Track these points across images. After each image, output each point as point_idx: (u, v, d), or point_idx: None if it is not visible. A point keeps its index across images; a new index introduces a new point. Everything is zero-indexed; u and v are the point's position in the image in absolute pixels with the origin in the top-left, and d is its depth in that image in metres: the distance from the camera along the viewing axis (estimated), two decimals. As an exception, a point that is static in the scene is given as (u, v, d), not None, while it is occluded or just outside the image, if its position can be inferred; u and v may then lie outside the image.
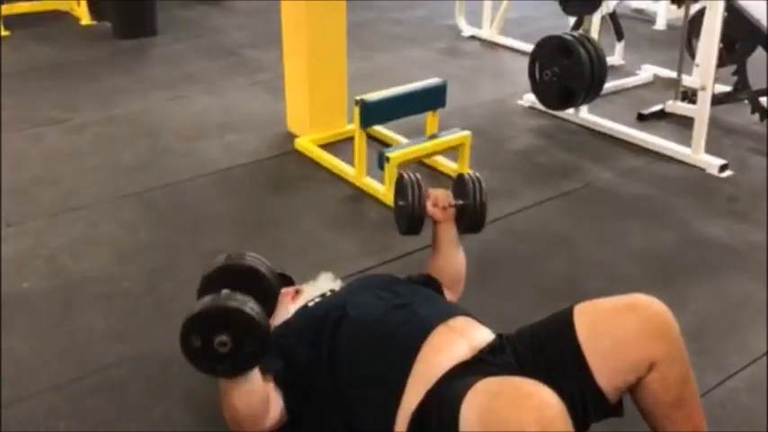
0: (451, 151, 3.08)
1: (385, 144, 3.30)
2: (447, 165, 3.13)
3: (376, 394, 1.57)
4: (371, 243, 2.66)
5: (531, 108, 3.81)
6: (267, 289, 1.80)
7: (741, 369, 2.01)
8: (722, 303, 2.31)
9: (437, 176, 3.09)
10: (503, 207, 2.85)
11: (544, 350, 1.55)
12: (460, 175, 2.02)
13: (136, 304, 2.29)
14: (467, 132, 3.01)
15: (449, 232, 2.02)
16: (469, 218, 1.97)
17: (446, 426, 1.36)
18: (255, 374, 1.54)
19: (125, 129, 3.59)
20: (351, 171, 3.07)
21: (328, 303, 1.82)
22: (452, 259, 2.05)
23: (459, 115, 3.50)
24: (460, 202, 1.97)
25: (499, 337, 1.66)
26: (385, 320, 1.67)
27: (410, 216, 1.96)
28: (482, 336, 1.64)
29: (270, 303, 1.77)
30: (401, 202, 2.00)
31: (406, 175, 1.99)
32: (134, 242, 2.64)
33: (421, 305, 1.72)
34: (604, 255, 2.56)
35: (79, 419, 1.85)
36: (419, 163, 3.16)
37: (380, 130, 3.37)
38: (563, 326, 1.54)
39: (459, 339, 1.60)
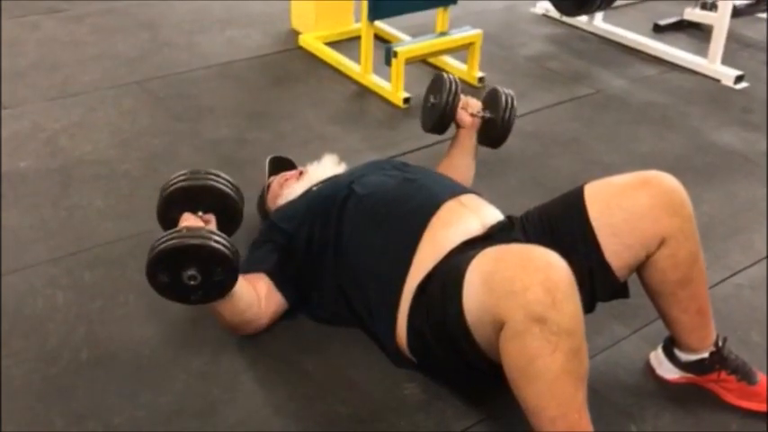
0: (461, 51, 2.99)
1: (392, 44, 3.20)
2: (456, 66, 3.04)
3: (383, 268, 1.55)
4: (376, 139, 2.61)
5: (545, 16, 3.69)
6: (232, 207, 1.65)
7: (745, 268, 2.00)
8: (730, 207, 2.27)
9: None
10: (511, 108, 2.79)
11: (554, 228, 1.53)
12: (494, 89, 2.00)
13: (135, 186, 2.26)
14: (478, 31, 2.91)
15: (469, 139, 2.03)
16: (493, 132, 2.00)
17: (450, 292, 1.33)
18: (236, 290, 1.51)
19: (124, 21, 3.47)
20: (356, 68, 2.98)
21: (335, 183, 1.78)
22: (464, 166, 2.03)
23: (470, 20, 3.37)
24: (489, 114, 1.98)
25: (508, 217, 1.63)
26: (393, 195, 1.64)
27: (441, 114, 1.97)
28: (492, 214, 1.62)
29: (235, 222, 1.68)
30: (433, 100, 2.01)
31: (445, 75, 2.00)
32: (133, 128, 2.58)
33: (431, 181, 1.68)
34: (613, 157, 2.52)
35: (78, 291, 1.84)
36: (426, 63, 3.08)
37: (388, 30, 3.26)
38: (573, 203, 1.51)
39: (469, 215, 1.57)
